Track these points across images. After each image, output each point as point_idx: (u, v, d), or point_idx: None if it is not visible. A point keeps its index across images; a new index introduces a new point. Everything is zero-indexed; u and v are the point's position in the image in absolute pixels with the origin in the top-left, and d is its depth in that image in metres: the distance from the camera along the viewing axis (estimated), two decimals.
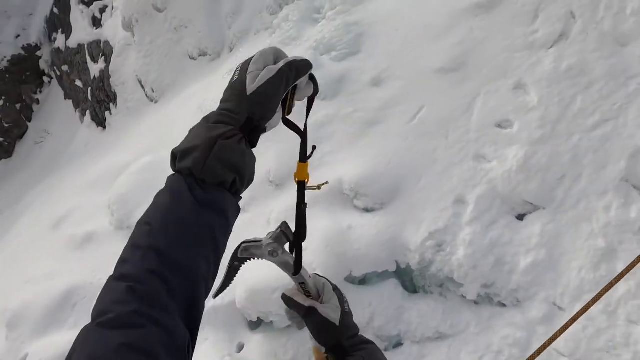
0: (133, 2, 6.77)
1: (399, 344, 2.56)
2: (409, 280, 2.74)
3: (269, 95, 0.66)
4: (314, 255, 2.59)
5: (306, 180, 0.76)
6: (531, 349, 2.24)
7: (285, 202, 3.07)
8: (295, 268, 0.79)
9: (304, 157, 0.75)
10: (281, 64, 0.68)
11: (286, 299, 0.88)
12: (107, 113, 8.24)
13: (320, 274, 0.91)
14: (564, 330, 1.36)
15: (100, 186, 5.01)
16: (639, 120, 2.51)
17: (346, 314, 0.87)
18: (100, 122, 8.55)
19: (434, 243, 2.58)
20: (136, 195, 3.89)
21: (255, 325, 2.86)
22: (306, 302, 0.88)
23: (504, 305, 2.45)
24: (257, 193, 3.41)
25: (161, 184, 0.63)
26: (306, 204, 0.78)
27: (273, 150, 3.48)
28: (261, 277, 2.61)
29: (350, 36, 3.71)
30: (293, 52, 4.06)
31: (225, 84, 0.70)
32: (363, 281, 2.74)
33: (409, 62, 3.41)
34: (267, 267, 1.01)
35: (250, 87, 0.65)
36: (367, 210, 2.86)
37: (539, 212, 2.56)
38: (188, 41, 6.32)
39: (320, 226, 2.73)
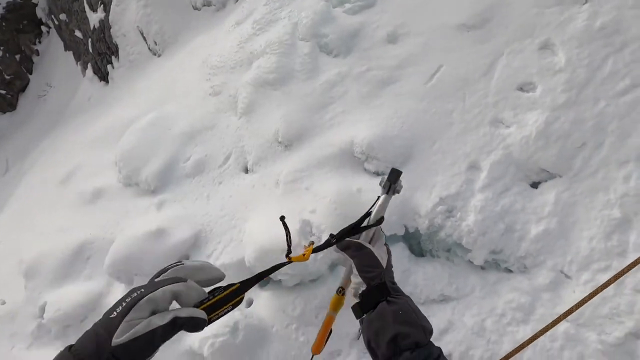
0: None
1: None
2: (416, 243, 2.75)
3: (139, 350, 0.59)
4: (323, 217, 2.58)
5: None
6: (535, 314, 2.29)
7: (294, 163, 3.02)
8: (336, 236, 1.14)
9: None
10: (169, 317, 0.60)
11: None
12: (109, 66, 7.99)
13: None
14: (584, 303, 1.36)
15: (106, 142, 4.96)
16: None
17: (390, 265, 1.05)
18: (103, 76, 8.32)
19: (445, 208, 2.56)
20: (142, 152, 3.85)
21: (264, 282, 2.94)
22: (359, 240, 1.12)
23: (511, 271, 2.46)
24: (266, 154, 3.36)
25: (165, 140, 0.56)
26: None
27: (281, 109, 3.37)
28: (270, 237, 2.62)
29: None
30: (304, 3, 3.80)
31: (230, 37, 0.58)
32: None
33: (427, 17, 3.19)
34: (275, 227, 1.07)
35: (117, 340, 0.57)
36: (377, 173, 2.81)
37: (554, 180, 2.50)
38: None
39: (329, 188, 2.70)
